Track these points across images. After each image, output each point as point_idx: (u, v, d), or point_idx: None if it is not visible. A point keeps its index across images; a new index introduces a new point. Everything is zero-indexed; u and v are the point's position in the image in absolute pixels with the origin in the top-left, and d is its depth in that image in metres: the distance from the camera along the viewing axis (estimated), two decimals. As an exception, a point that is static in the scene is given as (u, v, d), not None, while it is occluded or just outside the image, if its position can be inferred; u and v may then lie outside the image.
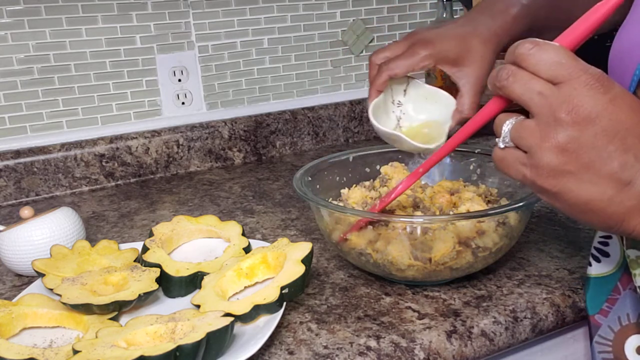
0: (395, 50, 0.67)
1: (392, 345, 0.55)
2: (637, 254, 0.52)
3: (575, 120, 0.39)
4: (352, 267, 0.70)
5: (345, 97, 1.27)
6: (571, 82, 0.39)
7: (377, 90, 0.67)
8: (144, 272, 0.63)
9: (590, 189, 0.40)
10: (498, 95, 0.44)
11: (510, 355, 0.65)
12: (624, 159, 0.39)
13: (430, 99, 0.69)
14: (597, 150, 0.39)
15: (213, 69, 1.13)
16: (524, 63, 0.41)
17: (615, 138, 0.39)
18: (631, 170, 0.39)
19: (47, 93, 1.01)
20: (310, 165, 0.74)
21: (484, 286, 0.64)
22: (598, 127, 0.39)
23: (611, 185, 0.40)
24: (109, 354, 0.49)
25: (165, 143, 1.09)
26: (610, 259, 0.57)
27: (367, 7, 1.25)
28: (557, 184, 0.41)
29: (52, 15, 0.99)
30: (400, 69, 0.65)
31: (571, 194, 0.41)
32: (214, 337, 0.50)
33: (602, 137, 0.39)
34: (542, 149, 0.40)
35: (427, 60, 0.65)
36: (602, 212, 0.41)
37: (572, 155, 0.39)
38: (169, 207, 0.94)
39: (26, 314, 0.58)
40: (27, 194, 1.01)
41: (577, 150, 0.39)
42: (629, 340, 0.56)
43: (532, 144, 0.41)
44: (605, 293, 0.58)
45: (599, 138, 0.39)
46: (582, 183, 0.40)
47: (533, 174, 0.41)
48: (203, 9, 1.09)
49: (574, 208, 0.42)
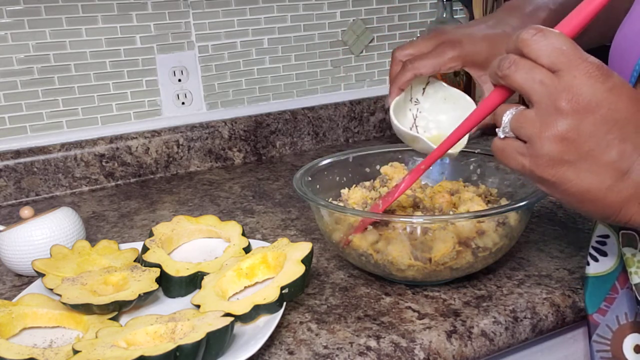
0: (421, 48, 0.65)
1: (392, 345, 0.55)
2: (632, 251, 0.52)
3: (575, 109, 0.39)
4: (352, 267, 0.70)
5: (345, 97, 1.27)
6: (571, 70, 0.39)
7: (399, 88, 0.64)
8: (144, 272, 0.63)
9: (589, 178, 0.40)
10: (499, 85, 0.44)
11: (510, 355, 0.65)
12: (622, 148, 0.40)
13: (450, 100, 0.67)
14: (596, 139, 0.39)
15: (213, 69, 1.13)
16: (526, 49, 0.41)
17: (614, 127, 0.39)
18: (629, 159, 0.40)
19: (47, 93, 1.01)
20: (310, 165, 0.74)
21: (484, 286, 0.64)
22: (597, 115, 0.39)
23: (609, 174, 0.40)
24: (109, 354, 0.49)
25: (165, 143, 1.09)
26: (608, 258, 0.57)
27: (367, 7, 1.25)
28: (556, 174, 0.41)
29: (52, 15, 0.99)
30: (427, 68, 0.63)
31: (570, 183, 0.41)
32: (214, 337, 0.50)
33: (601, 125, 0.39)
34: (542, 138, 0.40)
35: (455, 62, 0.63)
36: (600, 201, 0.41)
37: (572, 145, 0.40)
38: (169, 207, 0.94)
39: (26, 314, 0.58)
40: (27, 194, 1.01)
41: (577, 139, 0.39)
42: (627, 339, 0.56)
43: (531, 134, 0.41)
44: (603, 292, 0.58)
45: (598, 127, 0.39)
46: (581, 172, 0.40)
47: (532, 163, 0.41)
48: (203, 9, 1.09)
49: (573, 197, 0.42)
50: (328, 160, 0.76)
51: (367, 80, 1.29)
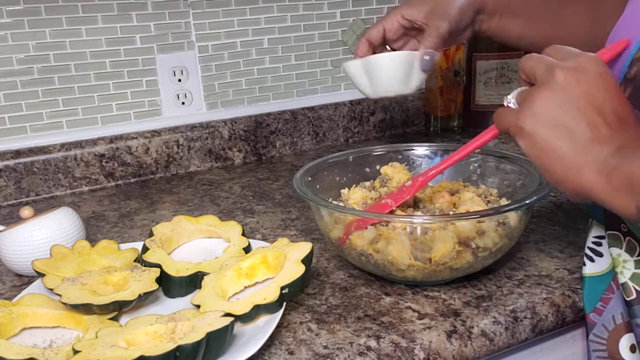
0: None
1: (392, 345, 0.55)
2: (618, 252, 0.54)
3: (567, 79, 0.46)
4: (352, 267, 0.70)
5: (345, 97, 1.27)
6: (577, 57, 0.47)
7: (358, 55, 0.79)
8: (144, 272, 0.63)
9: (561, 142, 0.46)
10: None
11: (510, 355, 0.65)
12: (595, 121, 0.45)
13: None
14: (578, 110, 0.46)
15: (213, 69, 1.13)
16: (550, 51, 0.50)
17: (593, 104, 0.46)
18: (598, 133, 0.45)
19: (47, 93, 1.01)
20: (310, 165, 0.74)
21: (484, 286, 0.64)
22: (583, 89, 0.46)
23: (578, 144, 0.46)
24: (109, 354, 0.49)
25: (165, 143, 1.09)
26: (603, 258, 0.58)
27: (367, 7, 1.25)
28: (534, 125, 0.47)
29: (52, 15, 0.99)
30: (374, 31, 0.78)
31: (543, 140, 0.47)
32: (214, 337, 0.50)
33: (584, 100, 0.46)
34: (533, 97, 0.47)
35: (395, 17, 0.77)
36: (565, 161, 0.46)
37: (556, 109, 0.46)
38: (169, 207, 0.94)
39: (26, 314, 0.58)
40: (27, 194, 1.01)
41: (561, 105, 0.46)
42: (623, 339, 0.57)
43: (525, 97, 0.49)
44: (599, 292, 0.58)
45: (582, 100, 0.46)
46: (556, 134, 0.46)
47: (516, 118, 0.48)
48: (203, 9, 1.09)
49: (542, 152, 0.47)
50: (328, 160, 0.76)
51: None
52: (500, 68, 1.20)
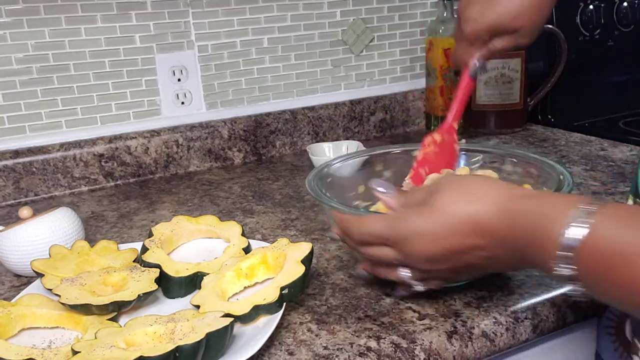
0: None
1: (393, 345, 0.54)
2: None
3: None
4: (352, 267, 0.69)
5: (345, 97, 1.26)
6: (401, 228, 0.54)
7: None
8: (144, 273, 0.63)
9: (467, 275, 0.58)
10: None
11: (511, 355, 0.64)
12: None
13: None
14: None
15: (213, 69, 1.13)
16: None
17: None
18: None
19: (46, 93, 1.01)
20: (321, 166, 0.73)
21: (484, 287, 0.64)
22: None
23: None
24: (108, 354, 0.49)
25: (164, 143, 1.09)
26: None
27: (367, 7, 1.25)
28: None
29: (51, 14, 0.98)
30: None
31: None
32: (213, 337, 0.50)
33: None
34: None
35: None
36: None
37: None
38: (169, 207, 0.94)
39: (25, 315, 0.58)
40: (26, 194, 1.01)
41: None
42: (627, 322, 0.58)
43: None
44: None
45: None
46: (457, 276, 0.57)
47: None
48: (203, 9, 1.09)
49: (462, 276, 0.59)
50: (335, 162, 0.75)
51: (367, 80, 1.29)
52: (501, 68, 1.20)
